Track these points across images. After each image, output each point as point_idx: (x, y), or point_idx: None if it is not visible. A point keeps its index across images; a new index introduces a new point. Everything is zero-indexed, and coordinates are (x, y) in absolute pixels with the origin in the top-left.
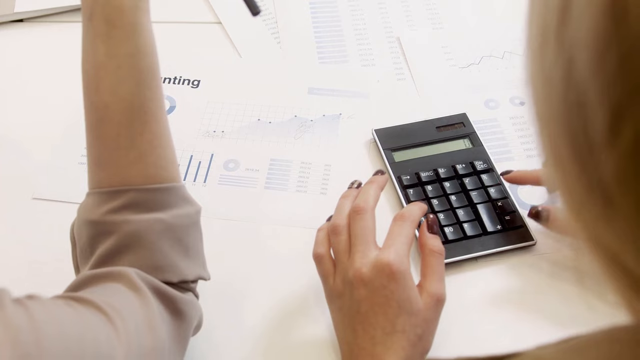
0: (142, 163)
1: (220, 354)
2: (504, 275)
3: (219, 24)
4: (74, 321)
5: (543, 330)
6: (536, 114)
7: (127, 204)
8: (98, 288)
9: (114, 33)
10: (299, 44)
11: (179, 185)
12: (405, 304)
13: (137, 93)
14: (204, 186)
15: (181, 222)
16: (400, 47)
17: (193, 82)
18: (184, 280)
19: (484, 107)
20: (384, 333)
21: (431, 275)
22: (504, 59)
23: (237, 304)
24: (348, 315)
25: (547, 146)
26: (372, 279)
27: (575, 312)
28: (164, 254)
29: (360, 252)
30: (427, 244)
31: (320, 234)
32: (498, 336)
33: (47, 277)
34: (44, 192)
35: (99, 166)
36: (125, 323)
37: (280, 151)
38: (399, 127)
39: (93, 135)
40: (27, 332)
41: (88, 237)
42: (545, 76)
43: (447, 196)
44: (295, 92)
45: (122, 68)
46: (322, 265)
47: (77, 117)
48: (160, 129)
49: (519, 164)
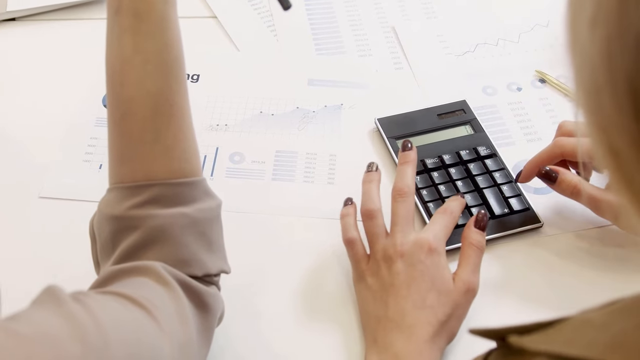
0: (167, 157)
1: (237, 346)
2: (513, 258)
3: (215, 18)
4: (126, 316)
5: (553, 312)
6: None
7: (152, 199)
8: (127, 282)
9: (142, 27)
10: (296, 36)
11: (201, 179)
12: (437, 281)
13: (163, 87)
14: (211, 179)
15: (204, 216)
16: (396, 37)
17: (193, 77)
18: (208, 273)
19: (482, 94)
20: (414, 307)
21: (466, 265)
22: (498, 46)
23: (250, 296)
24: (380, 290)
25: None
26: (411, 254)
27: (584, 292)
28: (188, 248)
29: (401, 231)
30: (470, 236)
31: (348, 220)
32: (510, 319)
33: (57, 276)
34: (50, 190)
35: (122, 161)
36: (164, 317)
37: (285, 143)
38: (400, 116)
39: (117, 130)
40: (92, 327)
41: (110, 232)
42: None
43: (454, 182)
44: (296, 84)
45: (149, 62)
46: (354, 249)
47: (79, 115)
48: (186, 123)
49: (519, 148)
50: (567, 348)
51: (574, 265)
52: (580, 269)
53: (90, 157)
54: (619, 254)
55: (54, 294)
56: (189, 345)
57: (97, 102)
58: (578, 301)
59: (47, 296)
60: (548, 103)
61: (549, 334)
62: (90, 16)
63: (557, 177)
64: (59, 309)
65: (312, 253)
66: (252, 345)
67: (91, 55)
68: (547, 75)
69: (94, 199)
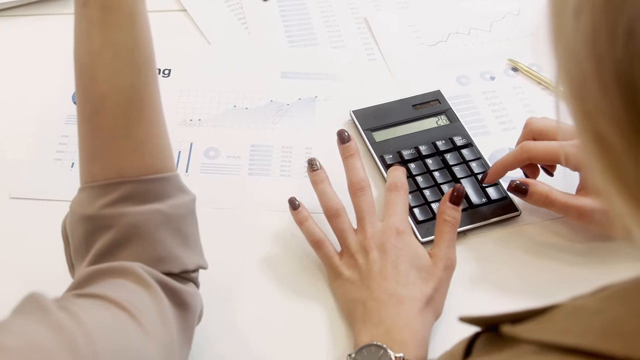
0: (138, 153)
1: (216, 345)
2: (491, 246)
3: (184, 11)
4: (113, 322)
5: (531, 300)
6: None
7: (124, 196)
8: (106, 284)
9: (111, 20)
10: (267, 28)
11: (174, 175)
12: (414, 260)
13: (134, 81)
14: (186, 175)
15: (179, 211)
16: (368, 28)
17: (164, 72)
18: (185, 270)
19: (456, 84)
20: (398, 284)
21: (442, 242)
22: (470, 35)
23: (229, 293)
24: (360, 280)
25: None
26: (383, 241)
27: (563, 279)
28: (164, 245)
29: (369, 223)
30: (445, 212)
31: (308, 224)
32: (487, 307)
33: (31, 278)
34: (21, 191)
35: (93, 159)
36: (148, 320)
37: (260, 137)
38: (375, 107)
39: (87, 127)
40: (80, 337)
41: (84, 232)
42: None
43: (431, 172)
44: (269, 77)
45: (119, 56)
46: (324, 248)
47: (49, 113)
48: (157, 117)
49: (495, 137)
50: (560, 337)
51: (552, 253)
52: (559, 256)
53: (62, 155)
54: (597, 242)
55: (38, 302)
56: (172, 346)
57: (67, 99)
58: (557, 289)
59: (30, 305)
60: (521, 92)
61: (542, 322)
62: (59, 11)
63: (527, 189)
64: (46, 319)
65: (291, 247)
66: (231, 343)
67: (60, 52)
68: (519, 64)
69: (66, 198)
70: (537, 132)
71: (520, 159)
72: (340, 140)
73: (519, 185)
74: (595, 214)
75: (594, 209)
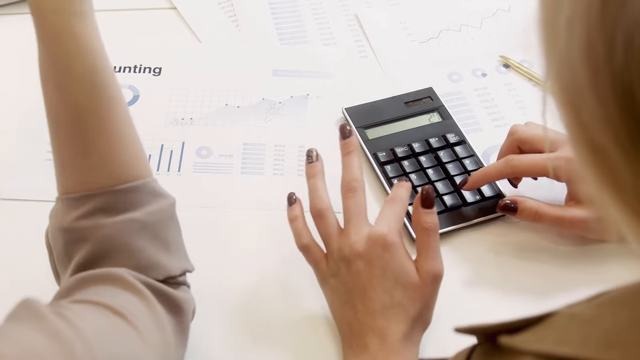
0: (104, 166)
1: (208, 346)
2: (485, 245)
3: (174, 9)
4: (109, 328)
5: (529, 298)
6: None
7: (96, 209)
8: (97, 290)
9: (43, 36)
10: (258, 26)
11: (147, 181)
12: (401, 277)
13: (79, 99)
14: (178, 175)
15: (155, 218)
16: (359, 25)
17: (154, 70)
18: (170, 275)
19: (447, 81)
20: (383, 306)
21: (425, 252)
22: (461, 32)
23: (221, 293)
24: (345, 292)
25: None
26: (368, 251)
27: (558, 277)
28: (144, 254)
29: (354, 227)
30: (420, 220)
31: (297, 224)
32: (487, 307)
33: (23, 280)
34: (11, 192)
35: (63, 172)
36: (144, 325)
37: (252, 135)
38: (368, 105)
39: (53, 138)
40: (78, 344)
41: (63, 244)
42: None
43: (424, 170)
44: (260, 75)
45: (59, 73)
46: (311, 253)
47: (39, 112)
48: (119, 127)
49: (488, 134)
50: (558, 347)
51: (546, 250)
52: (554, 253)
53: (52, 155)
54: (590, 243)
55: (33, 309)
56: (168, 350)
57: None
58: (554, 287)
59: (25, 311)
60: (513, 88)
61: (539, 332)
62: None
63: (516, 207)
64: (42, 325)
65: (284, 247)
66: (225, 344)
67: None
68: (511, 60)
69: None
70: (522, 141)
71: (504, 172)
72: (342, 135)
73: (508, 204)
74: (587, 223)
75: (585, 219)
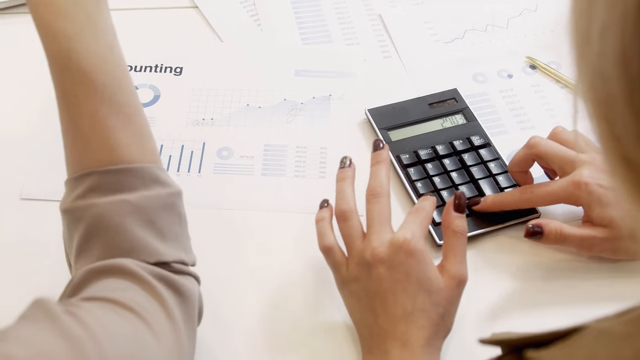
0: (105, 143)
1: (227, 351)
2: (511, 249)
3: (196, 8)
4: (121, 327)
5: (553, 307)
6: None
7: (91, 188)
8: (105, 283)
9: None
10: (280, 25)
11: (147, 166)
12: (424, 282)
13: (90, 72)
14: (199, 176)
15: (151, 203)
16: (383, 25)
17: (175, 70)
18: (161, 261)
19: (472, 82)
20: (405, 312)
21: (452, 256)
22: (487, 32)
23: (239, 294)
24: (365, 297)
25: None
26: (390, 256)
27: (583, 281)
28: (134, 235)
29: (377, 233)
30: (451, 223)
31: (322, 225)
32: (515, 312)
33: (41, 280)
34: (32, 192)
35: (67, 153)
36: (156, 320)
37: (274, 136)
38: (391, 106)
39: (62, 117)
40: (89, 344)
41: (66, 226)
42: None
43: (448, 173)
44: (282, 75)
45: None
46: (332, 256)
47: (54, 111)
48: (127, 105)
49: (513, 137)
50: None
51: (571, 255)
52: (578, 258)
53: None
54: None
55: (46, 308)
56: (180, 339)
57: None
58: (580, 292)
59: (37, 311)
60: (540, 90)
61: (567, 347)
62: None
63: (542, 230)
64: (54, 326)
65: (304, 250)
66: (244, 346)
67: None
68: (538, 61)
69: None
70: (540, 157)
71: (519, 204)
72: (374, 148)
73: (533, 228)
74: (605, 244)
75: (604, 239)
